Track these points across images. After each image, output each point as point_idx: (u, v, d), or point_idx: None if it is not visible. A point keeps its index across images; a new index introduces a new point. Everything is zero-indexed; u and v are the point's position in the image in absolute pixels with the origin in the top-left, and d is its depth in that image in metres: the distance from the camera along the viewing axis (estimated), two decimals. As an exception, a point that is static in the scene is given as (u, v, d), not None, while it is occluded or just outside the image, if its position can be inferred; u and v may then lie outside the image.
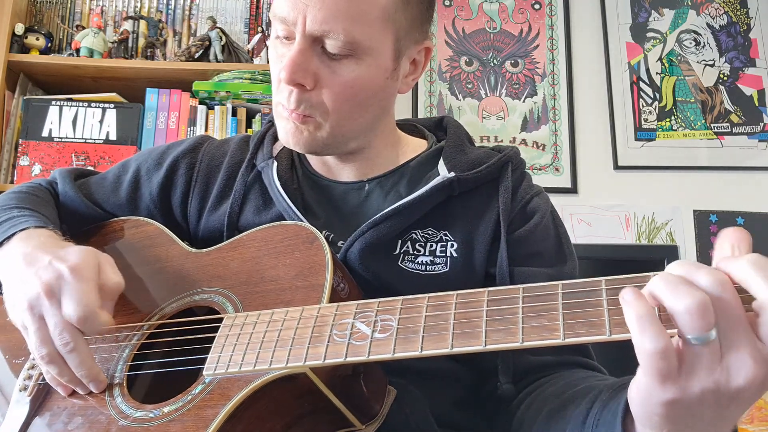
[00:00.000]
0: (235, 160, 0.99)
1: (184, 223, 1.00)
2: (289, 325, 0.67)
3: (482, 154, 0.95)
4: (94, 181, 1.04)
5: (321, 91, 0.83)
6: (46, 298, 0.73)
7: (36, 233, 0.83)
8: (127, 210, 1.00)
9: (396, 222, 0.87)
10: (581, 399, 0.70)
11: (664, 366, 0.49)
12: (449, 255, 0.88)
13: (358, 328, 0.63)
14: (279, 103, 0.87)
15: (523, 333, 0.55)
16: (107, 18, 2.47)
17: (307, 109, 0.84)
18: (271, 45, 0.87)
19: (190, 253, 0.87)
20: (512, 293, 0.59)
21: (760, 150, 2.53)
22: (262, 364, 0.65)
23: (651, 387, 0.50)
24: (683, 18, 2.66)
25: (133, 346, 0.79)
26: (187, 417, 0.66)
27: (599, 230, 2.46)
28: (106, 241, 0.95)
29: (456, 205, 0.91)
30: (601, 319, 0.53)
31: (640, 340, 0.49)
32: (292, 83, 0.81)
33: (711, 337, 0.48)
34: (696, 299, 0.48)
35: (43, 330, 0.73)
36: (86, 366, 0.74)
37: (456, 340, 0.58)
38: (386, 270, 0.86)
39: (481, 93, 2.62)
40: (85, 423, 0.73)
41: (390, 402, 0.75)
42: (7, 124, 2.23)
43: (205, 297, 0.80)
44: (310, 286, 0.71)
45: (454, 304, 0.61)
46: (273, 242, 0.79)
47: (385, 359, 0.60)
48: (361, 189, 0.95)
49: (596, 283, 0.55)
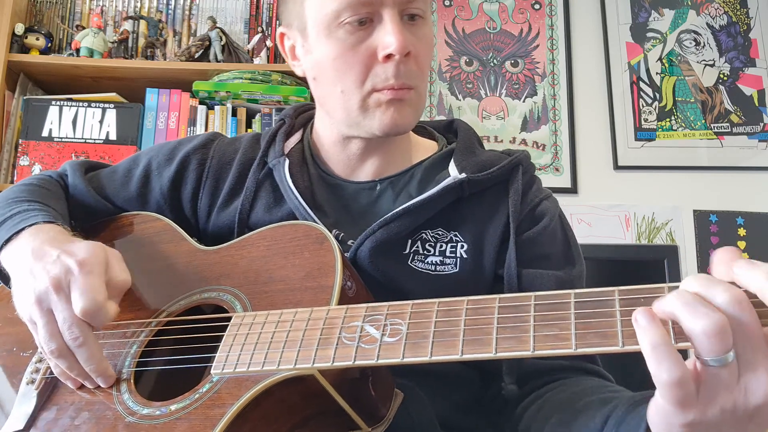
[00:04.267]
0: (246, 157, 0.99)
1: (193, 218, 1.00)
2: (298, 326, 0.67)
3: (493, 157, 0.95)
4: (105, 174, 1.04)
5: (411, 59, 0.85)
6: (55, 292, 0.73)
7: (45, 228, 0.83)
8: (136, 204, 1.00)
9: (406, 221, 0.87)
10: (595, 410, 0.70)
11: (682, 394, 0.49)
12: (459, 256, 0.88)
13: (368, 331, 0.63)
14: (372, 90, 0.86)
15: (535, 341, 0.55)
16: (107, 18, 2.46)
17: (408, 78, 0.85)
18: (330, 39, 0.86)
19: (199, 250, 0.87)
20: (524, 301, 0.58)
21: (760, 150, 2.53)
22: (271, 365, 0.65)
23: (670, 412, 0.50)
24: (683, 18, 2.66)
25: (141, 342, 0.79)
26: (194, 415, 0.66)
27: (599, 230, 2.46)
28: (115, 236, 0.95)
29: (466, 207, 0.91)
30: (614, 330, 0.53)
31: (657, 371, 0.49)
32: (404, 52, 0.83)
33: (729, 359, 0.48)
34: (714, 321, 0.47)
35: (51, 324, 0.73)
36: (95, 360, 0.74)
37: (466, 346, 0.57)
38: (396, 269, 0.87)
39: (481, 93, 2.62)
40: (92, 418, 0.73)
41: (397, 405, 0.75)
42: (7, 124, 2.23)
43: (213, 295, 0.80)
44: (319, 287, 0.71)
45: (464, 310, 0.60)
46: (282, 242, 0.79)
47: (394, 363, 0.60)
48: (372, 189, 0.95)
49: (609, 293, 0.55)
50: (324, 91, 0.91)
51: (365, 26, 0.84)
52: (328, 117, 0.95)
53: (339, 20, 0.84)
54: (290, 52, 0.97)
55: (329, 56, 0.86)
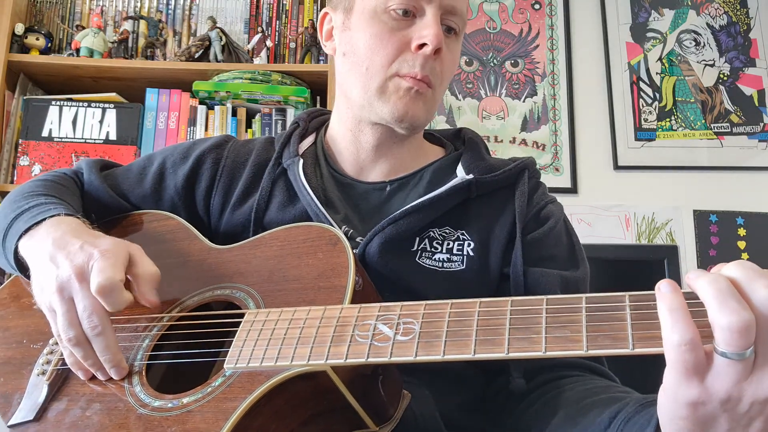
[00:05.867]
0: (261, 158, 1.02)
1: (205, 216, 1.01)
2: (311, 323, 0.67)
3: (500, 162, 0.99)
4: (119, 172, 1.05)
5: (439, 59, 0.91)
6: (77, 280, 0.73)
7: (67, 220, 0.84)
8: (151, 201, 1.01)
9: (415, 219, 0.89)
10: (604, 408, 0.70)
11: (691, 359, 0.49)
12: (466, 254, 0.90)
13: (381, 330, 0.63)
14: (395, 75, 0.90)
15: (546, 342, 0.56)
16: (107, 18, 2.46)
17: (431, 75, 0.90)
18: (373, 20, 0.91)
19: (212, 248, 0.88)
20: (536, 303, 0.59)
21: (760, 150, 2.54)
22: (284, 360, 0.65)
23: (677, 383, 0.50)
24: (683, 18, 2.67)
25: (153, 336, 0.79)
26: (206, 408, 0.67)
27: (599, 230, 2.47)
28: (128, 233, 0.96)
29: (473, 207, 0.94)
30: (624, 333, 0.54)
31: (670, 333, 0.49)
32: (438, 45, 0.88)
33: (746, 355, 0.48)
34: (741, 319, 0.47)
35: (71, 312, 0.74)
36: (111, 351, 0.74)
37: (479, 346, 0.58)
38: (404, 265, 0.88)
39: (481, 93, 2.62)
40: (104, 410, 0.73)
41: (404, 406, 0.76)
42: (7, 124, 2.23)
43: (226, 292, 0.80)
44: (332, 287, 0.72)
45: (477, 311, 0.61)
46: (296, 242, 0.80)
47: (406, 362, 0.60)
48: (383, 189, 0.98)
49: (620, 298, 0.56)
50: (350, 66, 0.95)
51: (408, 18, 0.90)
52: (345, 99, 0.98)
53: (386, 5, 0.90)
54: (327, 32, 1.02)
55: (367, 34, 0.91)
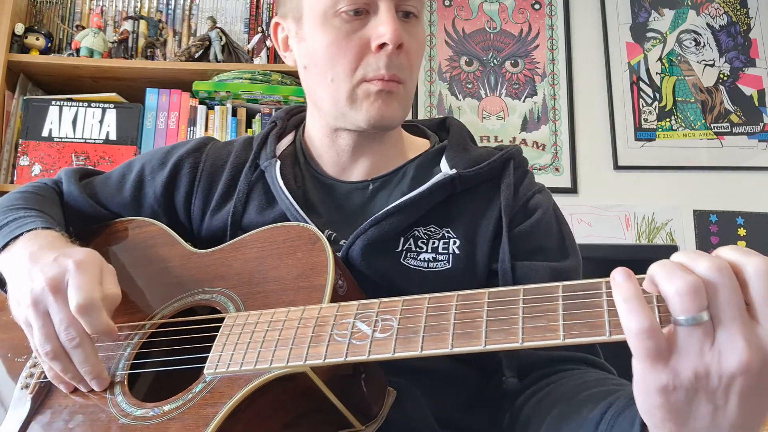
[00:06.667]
0: (239, 160, 0.99)
1: (187, 222, 1.00)
2: (290, 324, 0.67)
3: (484, 153, 0.95)
4: (99, 180, 1.04)
5: (403, 52, 0.86)
6: (52, 293, 0.73)
7: (43, 234, 0.84)
8: (131, 209, 1.00)
9: (398, 219, 0.87)
10: (596, 403, 0.69)
11: (652, 345, 0.49)
12: (452, 252, 0.88)
13: (359, 328, 0.63)
14: (362, 80, 0.86)
15: (523, 333, 0.55)
16: (107, 18, 2.47)
17: (398, 71, 0.86)
18: (326, 27, 0.86)
19: (192, 253, 0.87)
20: (513, 294, 0.59)
21: (760, 150, 2.53)
22: (263, 363, 0.65)
23: (644, 371, 0.50)
24: (683, 18, 2.66)
25: (135, 345, 0.79)
26: (187, 415, 0.66)
27: (599, 230, 2.46)
28: (109, 242, 0.96)
29: (458, 203, 0.91)
30: (601, 320, 0.53)
31: (627, 321, 0.50)
32: (398, 42, 0.84)
33: (702, 318, 0.48)
34: (687, 281, 0.48)
35: (47, 326, 0.73)
36: (90, 362, 0.74)
37: (456, 340, 0.58)
38: (388, 267, 0.86)
39: (481, 93, 2.62)
40: (86, 421, 0.73)
41: (390, 403, 0.75)
42: (7, 124, 2.23)
43: (207, 297, 0.80)
44: (312, 286, 0.72)
45: (454, 305, 0.61)
46: (276, 243, 0.80)
47: (385, 359, 0.60)
48: (365, 189, 0.95)
49: (597, 285, 0.56)
50: (314, 79, 0.91)
51: (361, 17, 0.85)
52: (317, 109, 0.95)
53: (336, 9, 0.85)
54: (283, 43, 0.98)
55: (323, 43, 0.87)
